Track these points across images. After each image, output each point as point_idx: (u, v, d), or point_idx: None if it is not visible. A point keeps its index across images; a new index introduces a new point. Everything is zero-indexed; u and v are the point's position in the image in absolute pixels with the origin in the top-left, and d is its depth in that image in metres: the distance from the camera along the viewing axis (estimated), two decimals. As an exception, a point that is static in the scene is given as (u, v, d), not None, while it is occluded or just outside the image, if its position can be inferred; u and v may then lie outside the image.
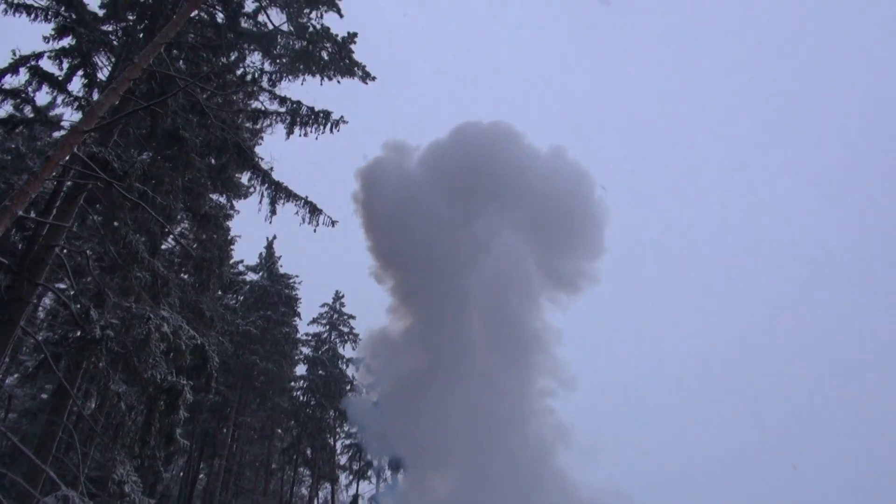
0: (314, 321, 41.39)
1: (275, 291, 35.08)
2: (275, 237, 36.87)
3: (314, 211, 19.74)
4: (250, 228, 30.54)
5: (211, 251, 24.27)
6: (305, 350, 40.23)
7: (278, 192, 19.45)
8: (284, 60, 20.10)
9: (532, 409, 27.30)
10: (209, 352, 16.64)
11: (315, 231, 19.94)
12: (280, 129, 19.44)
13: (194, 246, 24.53)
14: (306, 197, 19.78)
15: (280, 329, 34.17)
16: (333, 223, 20.03)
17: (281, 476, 39.80)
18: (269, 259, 36.40)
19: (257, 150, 21.19)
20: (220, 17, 19.88)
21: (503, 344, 27.27)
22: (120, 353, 13.06)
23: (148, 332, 13.01)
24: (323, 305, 42.03)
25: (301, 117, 19.13)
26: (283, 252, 37.13)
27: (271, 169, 19.75)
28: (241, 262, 35.95)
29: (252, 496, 39.22)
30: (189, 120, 17.00)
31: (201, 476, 38.16)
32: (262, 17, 19.82)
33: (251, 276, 36.23)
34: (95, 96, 15.55)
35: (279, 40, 19.63)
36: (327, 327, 41.20)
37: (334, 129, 19.30)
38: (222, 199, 27.07)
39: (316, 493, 39.21)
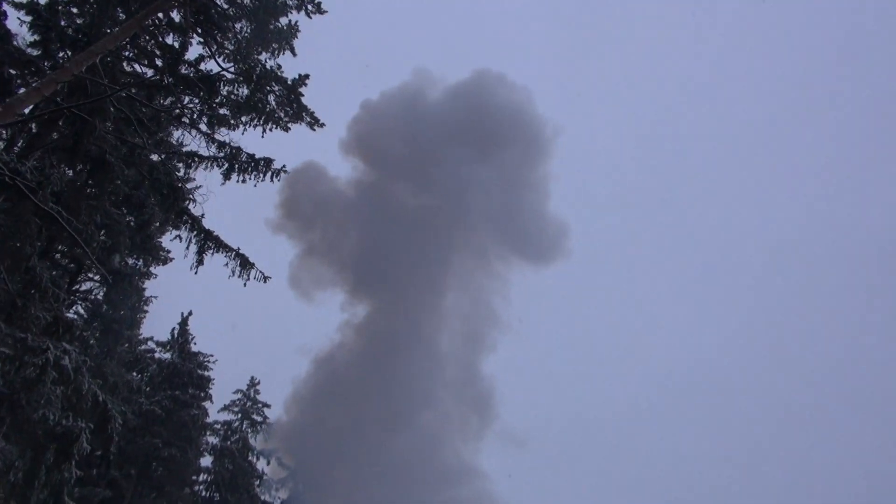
0: (225, 408, 38.08)
1: (185, 370, 32.03)
2: (190, 313, 34.17)
3: (245, 264, 18.09)
4: (167, 291, 27.98)
5: (121, 312, 21.89)
6: (213, 439, 36.68)
7: (208, 241, 17.74)
8: (224, 111, 18.97)
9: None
10: (112, 411, 14.30)
11: (245, 286, 18.22)
12: (216, 173, 18.04)
13: (102, 305, 22.12)
14: (238, 249, 18.16)
15: (188, 411, 30.93)
16: (266, 279, 18.39)
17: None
18: (182, 335, 33.51)
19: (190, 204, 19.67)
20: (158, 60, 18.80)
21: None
22: (4, 395, 10.71)
23: (44, 365, 10.83)
24: (236, 392, 38.87)
25: (240, 164, 17.80)
26: (200, 323, 33.96)
27: (202, 216, 18.14)
28: (151, 338, 32.92)
29: None
30: (117, 147, 15.38)
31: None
32: (205, 65, 18.87)
33: (160, 354, 33.13)
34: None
35: (222, 87, 18.51)
36: (239, 415, 37.93)
37: (275, 178, 18.06)
38: (139, 264, 24.96)
39: None
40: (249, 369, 39.86)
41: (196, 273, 17.79)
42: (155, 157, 17.77)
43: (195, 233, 17.68)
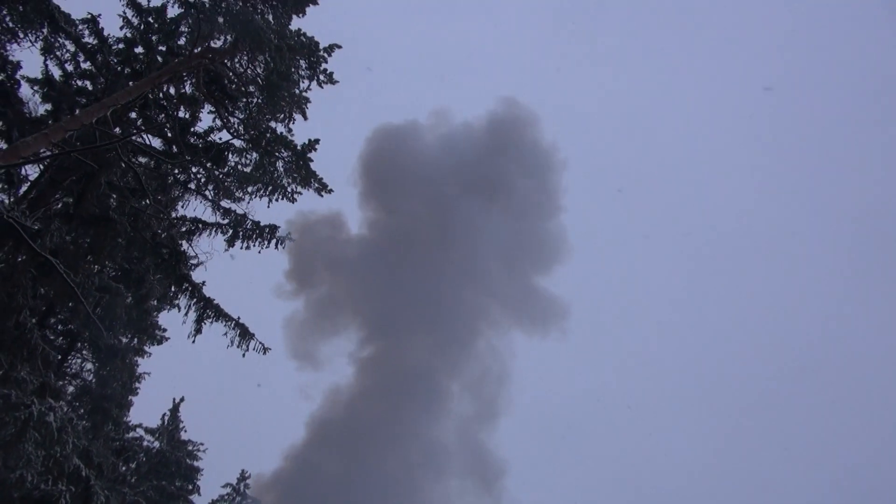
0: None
1: (173, 460, 30.37)
2: (182, 399, 32.79)
3: (245, 334, 17.32)
4: (161, 372, 26.90)
5: (111, 388, 20.82)
6: (198, 538, 34.35)
7: (207, 309, 17.04)
8: (230, 181, 18.76)
9: None
10: (95, 488, 13.17)
11: (244, 356, 17.37)
12: (220, 240, 17.58)
13: (91, 380, 21.06)
14: (238, 318, 17.43)
15: (174, 503, 29.09)
16: (266, 350, 17.58)
17: None
18: (172, 422, 32.00)
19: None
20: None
21: None
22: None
23: (26, 420, 9.87)
24: (225, 486, 36.81)
25: (245, 231, 17.38)
26: (192, 405, 32.58)
27: (202, 283, 17.51)
28: (141, 424, 31.40)
29: None
30: (121, 205, 14.93)
31: None
32: (214, 136, 18.81)
33: (149, 442, 31.50)
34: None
35: (230, 157, 18.37)
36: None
37: (280, 246, 17.60)
38: (134, 342, 24.06)
39: None
40: (242, 459, 37.46)
41: (193, 342, 17.01)
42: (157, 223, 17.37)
43: (195, 300, 17.01)
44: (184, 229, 17.62)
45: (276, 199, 18.46)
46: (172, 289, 18.31)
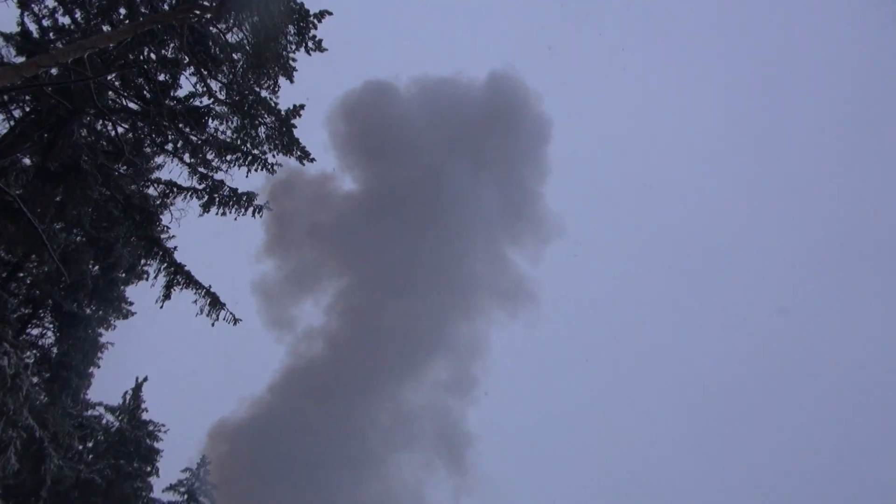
0: (171, 488, 34.91)
1: (133, 439, 29.42)
2: (146, 378, 31.84)
3: (216, 304, 16.72)
4: (124, 348, 26.01)
5: (73, 357, 20.04)
6: (153, 523, 33.34)
7: (178, 276, 16.42)
8: (209, 148, 18.15)
9: None
10: (48, 450, 12.52)
11: (213, 325, 16.77)
12: (195, 205, 16.97)
13: (52, 348, 20.26)
14: (209, 287, 16.84)
15: (131, 483, 28.12)
16: (236, 321, 17.00)
17: None
18: (133, 401, 31.04)
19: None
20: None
21: None
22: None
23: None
24: (184, 470, 35.83)
25: (221, 197, 16.80)
26: (156, 383, 31.59)
27: (174, 249, 16.89)
28: (101, 403, 30.41)
29: None
30: (94, 157, 14.28)
31: None
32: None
33: (109, 419, 30.51)
34: None
35: (209, 122, 17.77)
36: (185, 496, 34.76)
37: (257, 214, 17.04)
38: (98, 313, 23.26)
39: None
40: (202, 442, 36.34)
41: (161, 307, 16.38)
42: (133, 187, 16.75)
43: (165, 265, 16.39)
44: (157, 192, 16.96)
45: (256, 170, 17.95)
46: (142, 256, 17.69)
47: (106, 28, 17.20)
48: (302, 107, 16.00)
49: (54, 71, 13.78)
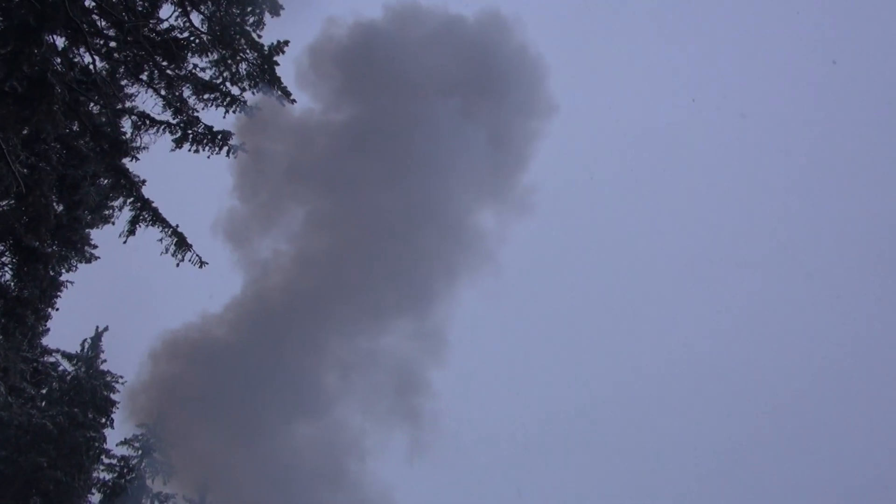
0: (125, 442, 34.04)
1: (89, 388, 28.64)
2: (106, 328, 31.00)
3: (182, 245, 16.06)
4: (85, 294, 25.12)
5: (31, 290, 19.19)
6: (106, 475, 32.56)
7: (144, 211, 15.72)
8: (185, 89, 17.37)
9: None
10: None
11: (178, 266, 16.12)
12: (166, 140, 16.24)
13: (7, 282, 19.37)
14: (176, 226, 16.15)
15: (83, 433, 27.36)
16: (202, 264, 16.37)
17: None
18: (92, 350, 30.20)
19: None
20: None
21: None
22: None
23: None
24: (141, 425, 35.03)
25: (196, 134, 16.08)
26: (116, 334, 30.73)
27: (143, 182, 16.17)
28: (59, 350, 29.50)
29: None
30: (62, 72, 13.48)
31: None
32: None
33: (65, 367, 29.64)
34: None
35: (188, 56, 16.98)
36: (140, 452, 33.97)
37: (231, 154, 16.37)
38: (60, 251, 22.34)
39: None
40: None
41: (125, 243, 15.69)
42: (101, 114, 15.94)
43: (131, 199, 15.68)
44: (129, 123, 16.19)
45: (234, 111, 17.24)
46: (109, 190, 16.92)
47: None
48: (286, 43, 15.32)
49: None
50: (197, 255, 16.17)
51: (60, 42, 15.85)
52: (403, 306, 24.82)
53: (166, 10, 16.77)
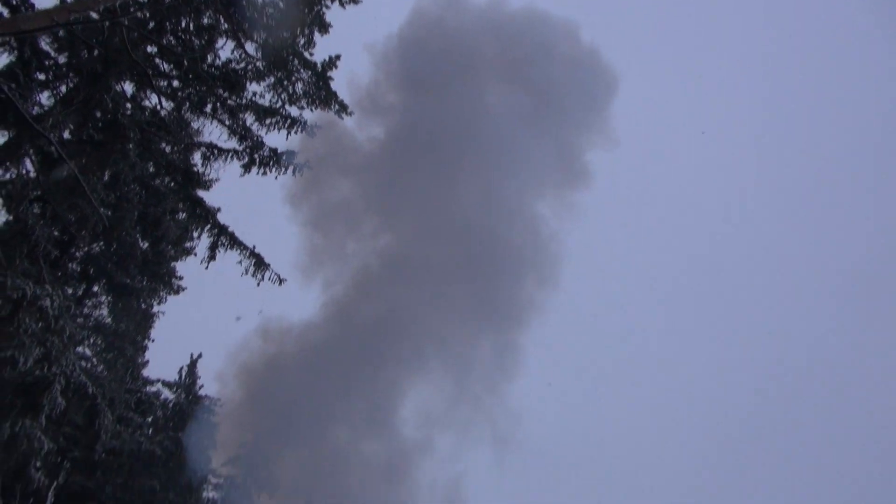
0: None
1: (192, 414, 29.65)
2: (200, 355, 32.06)
3: (260, 264, 16.35)
4: (175, 324, 26.03)
5: (126, 326, 20.01)
6: (214, 494, 33.64)
7: (221, 237, 16.10)
8: (247, 113, 17.73)
9: None
10: (101, 405, 12.29)
11: (258, 285, 16.44)
12: (235, 167, 16.61)
13: (106, 320, 20.26)
14: (253, 247, 16.47)
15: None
16: (281, 281, 16.61)
17: None
18: (189, 377, 31.28)
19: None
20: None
21: None
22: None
23: (18, 301, 8.96)
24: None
25: (262, 157, 16.38)
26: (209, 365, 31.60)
27: (218, 209, 16.59)
28: (160, 380, 30.69)
29: None
30: (133, 114, 13.98)
31: None
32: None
33: (166, 395, 30.80)
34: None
35: (247, 84, 17.35)
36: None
37: (297, 173, 16.60)
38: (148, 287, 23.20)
39: None
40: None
41: (207, 268, 16.12)
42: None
43: (209, 226, 16.10)
44: (198, 154, 16.65)
45: (296, 132, 17.49)
46: (187, 219, 17.42)
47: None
48: (338, 58, 15.46)
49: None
50: (275, 273, 16.45)
51: (129, 89, 16.61)
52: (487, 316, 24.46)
53: (220, 42, 17.32)
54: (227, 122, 16.65)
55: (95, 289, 22.12)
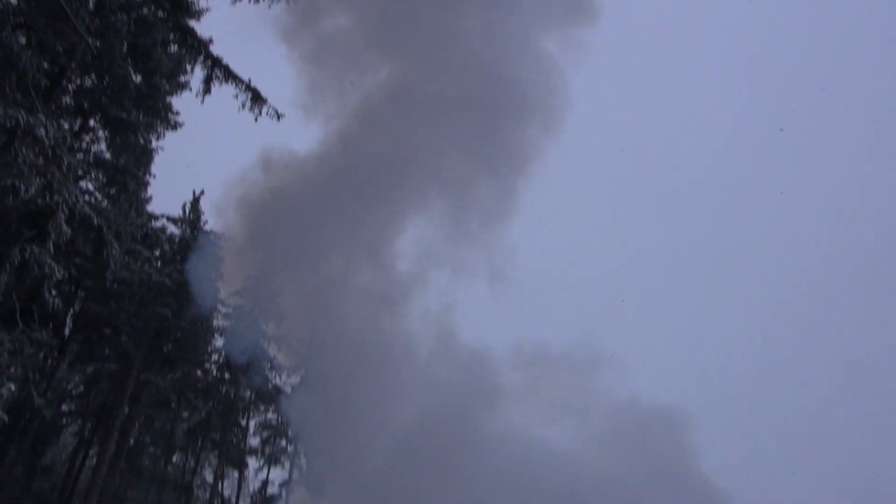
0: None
1: (196, 247, 30.44)
2: (203, 192, 32.34)
3: (257, 98, 15.99)
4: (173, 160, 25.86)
5: (125, 158, 19.97)
6: (224, 323, 35.40)
7: (216, 69, 15.60)
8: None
9: None
10: (108, 236, 12.54)
11: (256, 121, 16.20)
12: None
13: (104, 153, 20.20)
14: (249, 81, 16.02)
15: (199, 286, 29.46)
16: (279, 116, 16.33)
17: (185, 459, 34.60)
18: (193, 212, 31.78)
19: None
20: None
21: None
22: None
23: (13, 129, 8.94)
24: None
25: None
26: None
27: (210, 40, 15.96)
28: (165, 215, 31.18)
29: (147, 481, 33.91)
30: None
31: (92, 455, 32.57)
32: None
33: (171, 230, 31.46)
34: None
35: None
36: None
37: (290, 1, 15.74)
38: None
39: (221, 478, 34.11)
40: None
41: (203, 102, 15.79)
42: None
43: (202, 57, 15.56)
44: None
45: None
46: (176, 44, 16.81)
47: None
48: None
49: None
50: (273, 108, 16.14)
51: None
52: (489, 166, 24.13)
53: None
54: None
55: (91, 124, 21.84)
